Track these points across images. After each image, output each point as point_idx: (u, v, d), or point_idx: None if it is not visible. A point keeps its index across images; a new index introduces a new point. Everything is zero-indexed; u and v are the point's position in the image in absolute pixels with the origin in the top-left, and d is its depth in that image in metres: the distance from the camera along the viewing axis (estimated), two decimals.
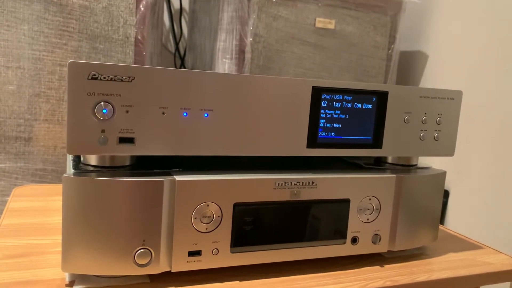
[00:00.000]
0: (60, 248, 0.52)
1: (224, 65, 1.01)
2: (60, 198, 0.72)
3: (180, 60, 1.27)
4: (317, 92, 0.51)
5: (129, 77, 0.42)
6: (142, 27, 0.92)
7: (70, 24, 0.88)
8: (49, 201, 0.71)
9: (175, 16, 1.29)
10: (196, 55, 1.19)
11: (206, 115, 0.46)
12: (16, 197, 0.71)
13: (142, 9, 0.92)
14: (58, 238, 0.56)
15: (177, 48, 1.28)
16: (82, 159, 0.47)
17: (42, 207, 0.67)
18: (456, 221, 1.10)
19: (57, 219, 0.63)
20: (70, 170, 0.45)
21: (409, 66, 1.30)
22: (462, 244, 0.66)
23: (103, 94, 0.42)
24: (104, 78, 0.42)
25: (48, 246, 0.54)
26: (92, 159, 0.46)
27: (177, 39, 1.28)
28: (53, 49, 0.87)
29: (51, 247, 0.53)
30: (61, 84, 0.89)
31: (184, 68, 1.27)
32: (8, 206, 0.67)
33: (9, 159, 0.87)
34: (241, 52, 1.00)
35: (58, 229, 0.59)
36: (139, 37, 0.92)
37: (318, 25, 1.07)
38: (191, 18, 1.25)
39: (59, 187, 0.80)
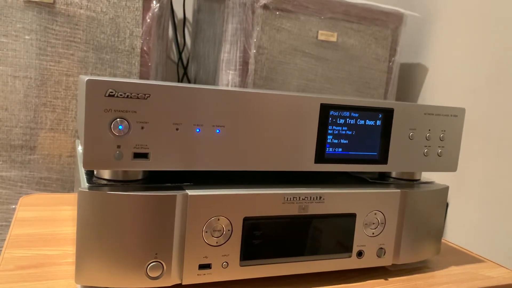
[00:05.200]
0: (70, 259, 0.54)
1: (228, 76, 1.02)
2: (68, 207, 0.73)
3: (183, 70, 1.28)
4: (325, 109, 0.52)
5: (145, 95, 0.44)
6: (148, 38, 0.93)
7: (77, 34, 0.89)
8: (56, 210, 0.71)
9: (179, 26, 1.30)
10: (199, 65, 1.20)
11: (218, 131, 0.47)
12: (23, 207, 0.72)
13: (148, 20, 0.93)
14: (68, 249, 0.57)
15: (180, 58, 1.29)
16: (95, 172, 0.48)
17: (50, 217, 0.68)
18: (455, 233, 1.12)
19: (66, 229, 0.64)
20: (84, 184, 0.46)
21: (410, 78, 1.32)
22: (463, 258, 0.67)
23: (119, 110, 0.43)
24: (121, 95, 0.43)
25: (59, 257, 0.54)
26: (106, 173, 0.47)
27: (180, 49, 1.30)
28: (60, 59, 0.88)
29: (62, 258, 0.54)
30: (67, 94, 0.90)
31: (187, 77, 1.28)
32: (16, 215, 0.67)
33: (15, 168, 0.88)
34: (244, 63, 1.01)
35: (68, 239, 0.60)
36: (145, 48, 0.93)
37: (320, 37, 1.09)
38: (195, 28, 1.27)
39: (65, 196, 0.80)
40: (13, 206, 0.88)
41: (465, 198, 1.09)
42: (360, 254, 0.56)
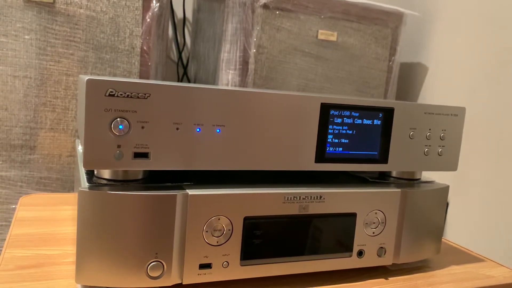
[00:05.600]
0: (70, 259, 0.54)
1: (228, 75, 1.02)
2: (68, 207, 0.73)
3: (183, 69, 1.28)
4: (325, 108, 0.52)
5: (145, 94, 0.44)
6: (148, 37, 0.93)
7: (77, 34, 0.89)
8: (56, 210, 0.71)
9: (178, 25, 1.30)
10: (199, 65, 1.20)
11: (218, 130, 0.47)
12: (23, 206, 0.72)
13: (148, 20, 0.93)
14: (68, 248, 0.57)
15: (180, 57, 1.29)
16: (95, 172, 0.48)
17: (50, 217, 0.68)
18: (455, 232, 1.12)
19: (66, 229, 0.63)
20: (84, 183, 0.46)
21: (410, 77, 1.32)
22: (463, 257, 0.67)
23: (119, 110, 0.43)
24: (121, 95, 0.43)
25: (59, 257, 0.54)
26: (106, 173, 0.47)
27: (180, 49, 1.29)
28: (60, 59, 0.88)
29: (62, 258, 0.54)
30: (67, 94, 0.90)
31: (187, 77, 1.28)
32: (16, 215, 0.67)
33: (14, 167, 0.88)
34: (244, 63, 1.01)
35: (68, 239, 0.60)
36: (145, 48, 0.93)
37: (320, 37, 1.09)
38: (195, 27, 1.27)
39: (65, 196, 0.80)
40: (13, 206, 0.88)
41: (465, 198, 1.09)
42: (360, 253, 0.56)
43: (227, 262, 0.49)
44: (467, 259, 0.66)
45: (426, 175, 0.65)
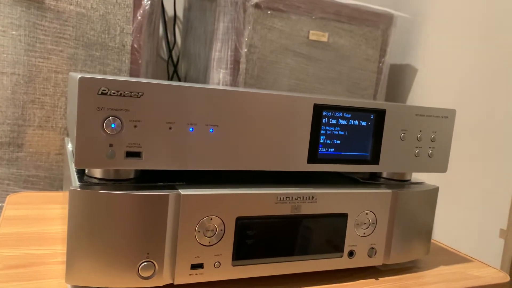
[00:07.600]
0: (60, 259, 0.53)
1: (219, 74, 1.02)
2: (56, 206, 0.72)
3: (173, 68, 1.28)
4: (318, 109, 0.52)
5: (138, 93, 0.43)
6: (138, 35, 0.93)
7: (67, 31, 0.88)
8: (45, 209, 0.71)
9: (169, 23, 1.30)
10: (190, 63, 1.20)
11: (211, 130, 0.47)
12: (11, 205, 0.71)
13: (139, 17, 0.92)
14: (58, 248, 0.56)
15: (170, 56, 1.28)
16: (86, 171, 0.48)
17: (38, 216, 0.67)
18: (443, 232, 1.13)
19: (55, 228, 0.63)
20: (75, 182, 0.45)
21: (399, 79, 1.33)
22: (452, 257, 0.68)
23: (112, 109, 0.43)
24: (114, 93, 0.42)
25: (48, 256, 0.54)
26: (97, 172, 0.47)
27: (171, 47, 1.29)
28: (49, 55, 0.87)
29: (51, 257, 0.53)
30: (56, 91, 0.89)
31: (177, 75, 1.28)
32: (3, 214, 0.66)
33: (2, 165, 0.87)
34: (236, 62, 1.01)
35: (57, 238, 0.59)
36: (135, 46, 0.93)
37: (311, 37, 1.09)
38: (185, 26, 1.26)
39: (53, 195, 0.80)
40: (0, 205, 0.87)
41: (452, 198, 1.11)
42: (351, 254, 0.56)
43: (219, 262, 0.49)
44: (456, 260, 0.67)
45: (415, 176, 0.65)
